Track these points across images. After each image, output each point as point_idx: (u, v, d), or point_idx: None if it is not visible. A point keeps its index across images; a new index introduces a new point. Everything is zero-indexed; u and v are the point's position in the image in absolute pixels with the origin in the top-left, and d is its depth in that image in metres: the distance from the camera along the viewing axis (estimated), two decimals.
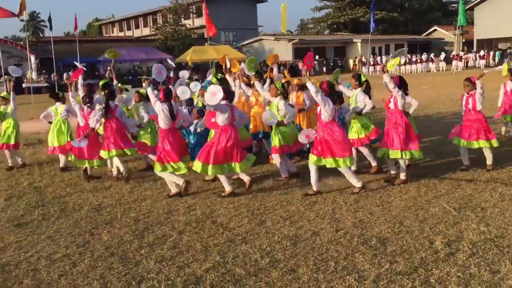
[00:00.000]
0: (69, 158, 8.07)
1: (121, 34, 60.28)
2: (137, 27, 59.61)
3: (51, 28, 29.35)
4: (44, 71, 35.68)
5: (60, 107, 8.60)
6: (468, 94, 7.19)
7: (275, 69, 9.67)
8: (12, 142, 8.86)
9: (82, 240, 5.19)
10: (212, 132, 7.20)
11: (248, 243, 4.87)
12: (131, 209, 6.23)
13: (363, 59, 40.80)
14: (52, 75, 31.89)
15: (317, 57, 45.77)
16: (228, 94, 6.79)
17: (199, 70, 31.36)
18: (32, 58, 34.47)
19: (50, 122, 8.84)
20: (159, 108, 6.58)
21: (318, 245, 4.73)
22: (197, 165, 6.54)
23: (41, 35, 62.56)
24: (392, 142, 6.69)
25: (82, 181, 7.76)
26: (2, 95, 9.11)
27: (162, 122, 6.63)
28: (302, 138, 6.87)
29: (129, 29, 60.92)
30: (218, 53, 34.79)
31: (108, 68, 9.40)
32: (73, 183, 7.72)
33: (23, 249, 4.99)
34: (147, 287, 3.99)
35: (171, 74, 9.98)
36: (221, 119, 6.54)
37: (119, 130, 7.60)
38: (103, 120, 7.62)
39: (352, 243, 4.75)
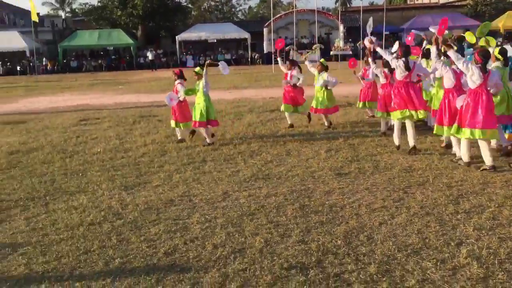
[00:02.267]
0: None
1: (426, 0, 58.37)
2: None
3: None
4: (350, 40, 37.80)
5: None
6: None
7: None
8: (204, 119, 8.44)
9: (397, 196, 5.51)
10: None
11: None
12: (442, 175, 6.23)
13: None
14: (358, 43, 33.54)
15: None
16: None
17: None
18: (341, 27, 36.94)
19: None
20: (395, 63, 7.47)
21: None
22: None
23: (348, 5, 65.95)
24: None
25: (391, 143, 8.11)
26: (195, 70, 8.78)
27: (398, 74, 7.51)
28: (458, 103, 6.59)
29: None
30: None
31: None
32: (382, 144, 8.15)
33: (345, 195, 5.64)
34: (467, 251, 4.00)
35: None
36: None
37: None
38: None
39: None
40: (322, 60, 10.02)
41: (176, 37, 40.46)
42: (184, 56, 40.63)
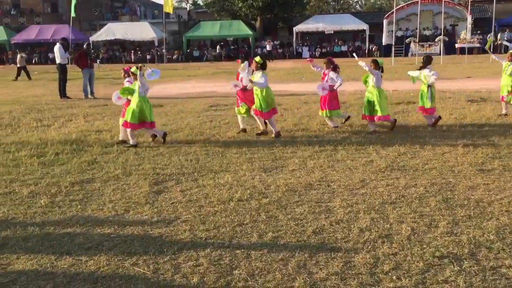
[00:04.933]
0: None
1: None
2: None
3: None
4: (478, 32, 35.38)
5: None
6: None
7: None
8: (135, 121, 8.08)
9: None
10: None
11: None
12: None
13: None
14: (488, 35, 31.29)
15: None
16: None
17: None
18: (469, 18, 34.69)
19: None
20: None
21: None
22: None
23: None
24: None
25: None
26: (132, 70, 8.37)
27: None
28: None
29: None
30: None
31: None
32: None
33: (492, 191, 5.44)
34: None
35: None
36: None
37: None
38: None
39: None
40: (257, 58, 8.71)
41: (294, 28, 40.90)
42: (300, 47, 40.95)
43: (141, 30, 41.89)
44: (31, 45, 44.67)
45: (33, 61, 42.68)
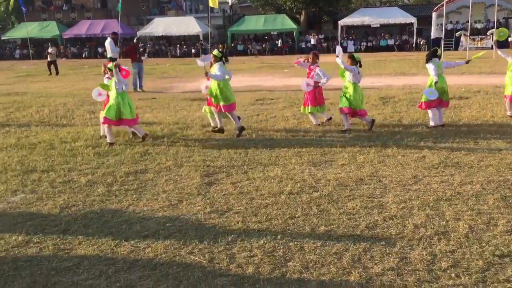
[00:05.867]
0: None
1: None
2: None
3: None
4: None
5: None
6: None
7: None
8: (113, 118, 7.92)
9: None
10: None
11: None
12: None
13: None
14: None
15: None
16: None
17: None
18: None
19: None
20: None
21: None
22: None
23: None
24: None
25: None
26: (108, 66, 8.25)
27: None
28: None
29: None
30: None
31: None
32: None
33: None
34: None
35: None
36: None
37: None
38: None
39: None
40: (215, 51, 8.52)
41: (339, 22, 40.38)
42: (345, 41, 40.38)
43: (186, 25, 42.46)
44: (81, 40, 46.14)
45: (83, 55, 44.09)
